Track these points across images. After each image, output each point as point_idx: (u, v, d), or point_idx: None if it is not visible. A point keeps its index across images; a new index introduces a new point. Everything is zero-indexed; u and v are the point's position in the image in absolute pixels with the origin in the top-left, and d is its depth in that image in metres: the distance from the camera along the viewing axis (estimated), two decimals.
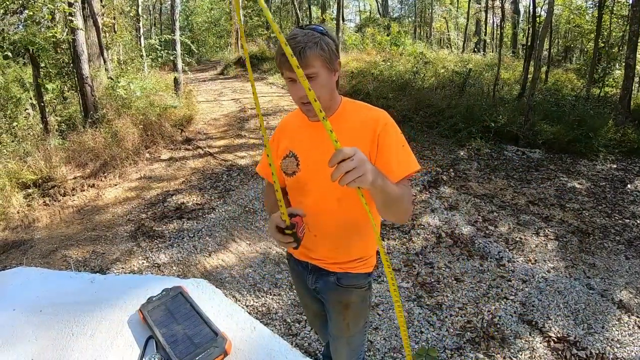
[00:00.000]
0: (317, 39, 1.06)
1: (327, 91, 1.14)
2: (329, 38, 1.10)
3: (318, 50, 1.06)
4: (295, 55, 1.01)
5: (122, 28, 9.08)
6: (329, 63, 1.10)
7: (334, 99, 1.19)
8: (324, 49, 1.07)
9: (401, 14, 25.08)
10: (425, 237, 3.57)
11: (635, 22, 6.21)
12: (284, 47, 0.79)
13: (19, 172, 4.65)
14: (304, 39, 1.05)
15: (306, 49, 1.04)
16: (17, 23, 5.99)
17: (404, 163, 1.14)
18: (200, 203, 4.36)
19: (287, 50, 0.80)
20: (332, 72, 1.13)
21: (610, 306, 2.73)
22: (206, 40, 20.45)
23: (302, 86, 1.05)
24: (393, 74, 8.62)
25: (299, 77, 0.82)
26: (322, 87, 1.10)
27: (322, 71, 1.09)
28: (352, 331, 1.39)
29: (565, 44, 17.12)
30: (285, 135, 1.32)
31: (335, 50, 1.12)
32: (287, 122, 1.35)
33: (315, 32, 1.08)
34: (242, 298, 2.82)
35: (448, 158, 5.40)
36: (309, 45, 1.04)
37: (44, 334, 0.85)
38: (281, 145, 1.31)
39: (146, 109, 6.38)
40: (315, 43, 1.05)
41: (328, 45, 1.09)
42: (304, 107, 1.14)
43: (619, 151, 5.62)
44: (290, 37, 1.06)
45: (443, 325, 2.52)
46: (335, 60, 1.12)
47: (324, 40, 1.08)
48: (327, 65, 1.10)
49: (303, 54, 1.04)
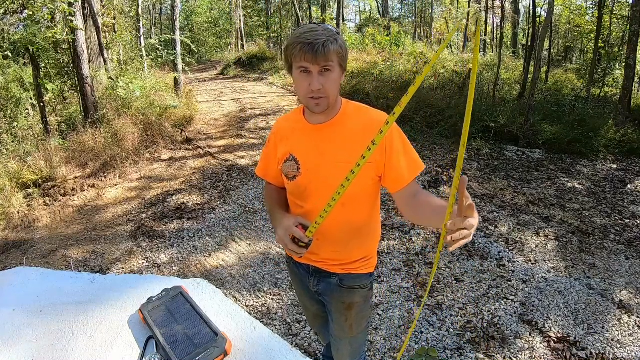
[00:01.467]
0: (336, 35, 1.08)
1: (337, 88, 1.14)
2: (342, 38, 1.12)
3: (337, 47, 1.07)
4: (317, 47, 1.04)
5: (122, 28, 9.08)
6: (343, 61, 1.12)
7: (338, 99, 1.20)
8: (342, 46, 1.09)
9: (401, 14, 25.08)
10: (425, 237, 3.57)
11: (635, 22, 6.20)
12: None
13: (19, 172, 4.65)
14: (325, 33, 1.06)
15: (328, 43, 1.05)
16: (17, 23, 5.99)
17: (412, 165, 1.18)
18: (201, 203, 4.36)
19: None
20: (342, 72, 1.15)
21: (610, 306, 2.73)
22: (206, 40, 20.45)
23: (316, 76, 1.08)
24: (393, 74, 8.62)
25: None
26: (334, 82, 1.11)
27: (336, 68, 1.10)
28: (355, 331, 1.39)
29: (565, 44, 17.11)
30: (282, 138, 1.28)
31: (347, 51, 1.14)
32: (281, 126, 1.32)
33: (333, 30, 1.09)
34: (242, 298, 2.82)
35: (448, 158, 5.40)
36: (330, 40, 1.06)
37: (44, 334, 0.85)
38: (280, 149, 1.28)
39: (146, 109, 6.38)
40: (335, 39, 1.07)
41: (344, 43, 1.11)
42: (312, 101, 1.12)
43: (619, 151, 5.61)
44: (310, 29, 1.07)
45: (443, 325, 2.52)
46: (346, 60, 1.14)
47: (340, 38, 1.10)
48: (341, 63, 1.11)
49: (326, 46, 1.05)
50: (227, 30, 20.04)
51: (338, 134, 1.18)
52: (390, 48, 11.55)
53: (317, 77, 1.08)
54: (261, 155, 1.40)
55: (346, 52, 1.12)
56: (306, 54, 1.05)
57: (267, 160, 1.36)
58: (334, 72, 1.09)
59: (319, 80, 1.08)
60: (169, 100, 7.19)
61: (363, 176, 1.15)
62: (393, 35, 13.49)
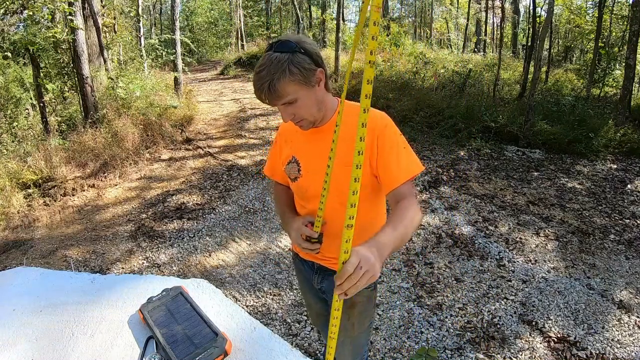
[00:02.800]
0: (285, 64, 0.98)
1: (312, 108, 1.09)
2: (301, 54, 1.01)
3: (288, 77, 0.99)
4: (265, 89, 0.98)
5: (122, 28, 9.08)
6: (306, 82, 1.03)
7: (324, 108, 1.15)
8: (294, 72, 0.99)
9: (401, 14, 25.06)
10: (425, 237, 3.57)
11: (636, 22, 6.20)
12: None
13: (19, 172, 4.65)
14: (271, 69, 0.98)
15: (274, 82, 0.98)
16: (17, 23, 5.99)
17: (405, 166, 1.09)
18: (201, 203, 4.36)
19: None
20: (313, 87, 1.07)
21: (610, 306, 2.73)
22: (206, 40, 20.46)
23: (282, 110, 1.06)
24: (393, 74, 8.62)
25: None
26: (304, 108, 1.07)
27: (301, 93, 1.03)
28: (357, 331, 1.39)
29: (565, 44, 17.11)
30: (285, 140, 1.31)
31: (312, 64, 1.03)
32: (285, 127, 1.34)
33: (285, 55, 0.99)
34: (242, 298, 2.82)
35: (448, 158, 5.40)
36: (276, 76, 0.97)
37: (44, 334, 0.85)
38: (284, 150, 1.31)
39: (146, 109, 6.39)
40: (283, 71, 0.98)
41: (299, 64, 1.00)
42: (295, 123, 1.13)
43: (619, 151, 5.61)
44: (259, 68, 1.00)
45: (443, 325, 2.52)
46: (313, 75, 1.04)
47: (294, 61, 0.99)
48: (304, 85, 1.03)
49: (273, 87, 0.98)
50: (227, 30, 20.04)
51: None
52: (390, 48, 11.54)
53: (283, 110, 1.07)
54: (268, 154, 1.42)
55: (306, 70, 1.01)
56: (261, 98, 1.03)
57: (273, 160, 1.38)
58: (298, 101, 1.04)
59: (287, 112, 1.07)
60: (169, 100, 7.20)
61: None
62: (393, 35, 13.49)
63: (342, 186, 1.16)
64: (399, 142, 1.12)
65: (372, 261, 0.79)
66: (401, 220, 0.96)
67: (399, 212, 1.00)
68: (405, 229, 0.95)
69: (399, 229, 0.93)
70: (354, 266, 0.77)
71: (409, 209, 1.00)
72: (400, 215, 0.98)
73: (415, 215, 1.00)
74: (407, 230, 0.96)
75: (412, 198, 1.05)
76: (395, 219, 0.97)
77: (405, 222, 0.96)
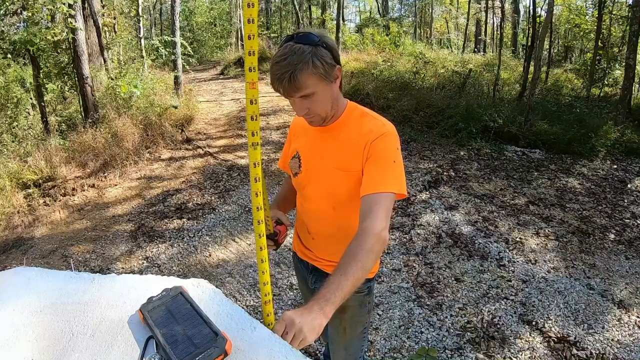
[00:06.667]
0: (308, 56, 0.96)
1: (327, 104, 1.08)
2: (324, 48, 1.00)
3: (310, 69, 0.97)
4: (285, 79, 0.96)
5: (122, 28, 9.09)
6: (326, 76, 1.02)
7: (337, 106, 1.13)
8: (317, 65, 0.98)
9: (401, 14, 25.06)
10: (425, 237, 3.57)
11: (635, 22, 6.20)
12: None
13: (20, 172, 4.65)
14: (293, 60, 0.96)
15: (297, 72, 0.96)
16: (17, 24, 5.99)
17: (389, 178, 1.03)
18: (201, 203, 4.36)
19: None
20: (331, 83, 1.06)
21: (610, 306, 2.73)
22: (206, 40, 20.45)
23: (297, 103, 1.04)
24: (393, 74, 8.61)
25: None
26: (320, 102, 1.05)
27: (320, 87, 1.02)
28: (349, 336, 1.38)
29: (565, 44, 17.11)
30: (294, 135, 1.33)
31: (333, 60, 1.02)
32: (296, 122, 1.35)
33: (307, 47, 0.97)
34: (242, 298, 2.82)
35: (448, 158, 5.40)
36: (299, 67, 0.96)
37: (44, 334, 0.85)
38: (292, 144, 1.32)
39: (146, 109, 6.38)
40: (306, 62, 0.96)
41: (322, 58, 0.99)
42: (307, 118, 1.12)
43: (619, 151, 5.61)
44: (278, 60, 0.98)
45: (443, 325, 2.52)
46: (332, 71, 1.03)
47: (317, 54, 0.98)
48: (324, 79, 1.02)
49: (294, 78, 0.96)
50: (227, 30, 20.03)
51: (335, 139, 1.16)
52: (390, 48, 11.55)
53: (299, 103, 1.04)
54: (284, 148, 1.42)
55: (328, 64, 1.00)
56: (278, 88, 1.01)
57: (286, 153, 1.39)
58: (316, 95, 1.02)
59: (302, 106, 1.05)
60: (169, 100, 7.19)
61: (352, 182, 1.12)
62: (392, 35, 13.49)
63: (333, 189, 1.16)
64: (391, 154, 1.08)
65: (299, 326, 0.80)
66: (354, 258, 0.92)
67: (353, 247, 0.94)
68: (358, 269, 0.90)
69: (351, 271, 0.89)
70: (280, 333, 0.80)
71: (367, 239, 0.94)
72: (354, 253, 0.93)
73: (374, 243, 0.94)
74: (364, 265, 0.91)
75: (379, 216, 0.98)
76: (348, 259, 0.92)
77: (358, 260, 0.91)
